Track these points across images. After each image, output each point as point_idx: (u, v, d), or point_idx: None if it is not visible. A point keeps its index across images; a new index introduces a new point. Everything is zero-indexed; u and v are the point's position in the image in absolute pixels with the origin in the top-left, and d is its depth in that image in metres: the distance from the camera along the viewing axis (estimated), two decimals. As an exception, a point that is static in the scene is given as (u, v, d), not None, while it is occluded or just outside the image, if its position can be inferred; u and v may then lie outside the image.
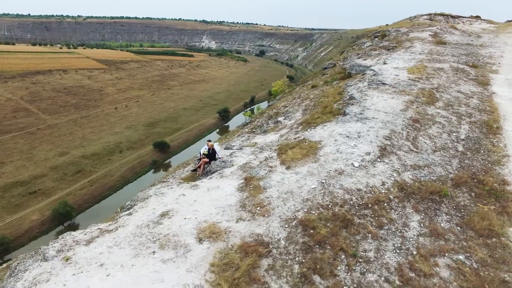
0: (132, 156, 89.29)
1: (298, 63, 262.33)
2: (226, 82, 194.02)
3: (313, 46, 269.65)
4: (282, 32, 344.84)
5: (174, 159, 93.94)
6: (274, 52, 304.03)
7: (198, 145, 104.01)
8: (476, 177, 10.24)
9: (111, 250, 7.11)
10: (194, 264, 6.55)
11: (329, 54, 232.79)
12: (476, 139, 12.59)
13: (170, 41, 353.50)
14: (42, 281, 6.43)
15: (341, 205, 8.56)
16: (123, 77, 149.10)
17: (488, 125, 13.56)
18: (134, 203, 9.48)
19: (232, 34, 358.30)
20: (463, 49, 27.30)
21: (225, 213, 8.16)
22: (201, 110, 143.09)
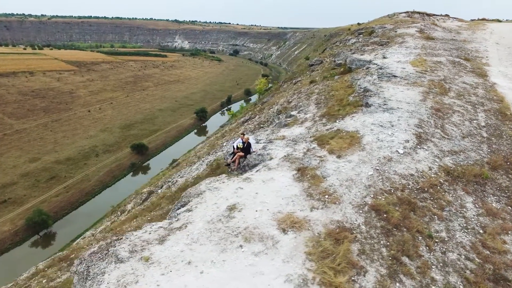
0: (109, 160, 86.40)
1: (272, 61, 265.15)
2: (201, 82, 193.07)
3: (286, 44, 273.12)
4: (255, 31, 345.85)
5: (153, 161, 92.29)
6: (248, 51, 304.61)
7: (177, 146, 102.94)
8: (508, 160, 10.83)
9: (191, 247, 6.83)
10: (288, 254, 6.44)
11: (303, 52, 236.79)
12: (495, 125, 13.31)
13: (142, 41, 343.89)
14: (131, 282, 6.06)
15: (402, 189, 8.76)
16: (95, 79, 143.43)
17: (502, 112, 14.38)
18: (188, 199, 9.14)
19: (205, 34, 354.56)
20: (450, 44, 28.77)
21: (294, 203, 8.09)
22: (178, 110, 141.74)
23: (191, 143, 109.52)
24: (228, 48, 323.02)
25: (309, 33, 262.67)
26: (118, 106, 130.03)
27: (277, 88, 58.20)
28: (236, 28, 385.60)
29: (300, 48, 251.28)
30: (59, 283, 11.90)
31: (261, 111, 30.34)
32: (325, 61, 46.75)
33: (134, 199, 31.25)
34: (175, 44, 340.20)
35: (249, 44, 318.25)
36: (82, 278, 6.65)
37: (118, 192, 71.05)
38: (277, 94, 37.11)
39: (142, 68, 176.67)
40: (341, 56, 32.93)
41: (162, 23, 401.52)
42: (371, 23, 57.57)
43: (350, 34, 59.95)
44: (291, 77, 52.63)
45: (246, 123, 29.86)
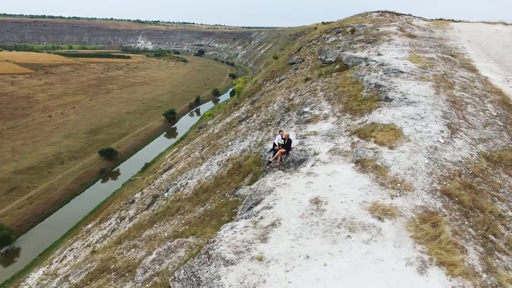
0: (76, 167, 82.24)
1: (238, 61, 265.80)
2: (168, 83, 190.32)
3: (252, 44, 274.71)
4: (220, 31, 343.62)
5: (124, 166, 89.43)
6: (213, 51, 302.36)
7: (147, 150, 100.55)
8: (528, 146, 12.01)
9: (299, 242, 6.93)
10: (395, 240, 6.78)
11: (268, 51, 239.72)
12: (505, 115, 14.65)
13: (103, 42, 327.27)
14: (258, 283, 6.05)
15: (458, 175, 9.45)
16: (54, 82, 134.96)
17: (505, 103, 15.83)
18: (259, 197, 9.14)
19: (169, 34, 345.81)
20: (431, 41, 30.84)
21: (372, 193, 8.45)
22: (146, 113, 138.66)
23: (162, 146, 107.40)
24: (193, 48, 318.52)
25: (274, 32, 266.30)
26: (82, 110, 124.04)
27: (258, 87, 58.54)
28: (201, 28, 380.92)
29: (266, 47, 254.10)
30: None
31: (258, 109, 30.46)
32: (307, 59, 47.72)
33: (130, 204, 30.05)
34: (138, 45, 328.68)
35: (214, 44, 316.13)
36: (192, 285, 6.47)
37: (88, 200, 68.00)
38: (267, 93, 37.39)
39: (105, 70, 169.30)
40: (330, 54, 33.90)
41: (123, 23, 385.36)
42: (346, 22, 59.69)
43: (326, 32, 61.56)
44: (273, 76, 53.19)
45: (244, 121, 29.81)
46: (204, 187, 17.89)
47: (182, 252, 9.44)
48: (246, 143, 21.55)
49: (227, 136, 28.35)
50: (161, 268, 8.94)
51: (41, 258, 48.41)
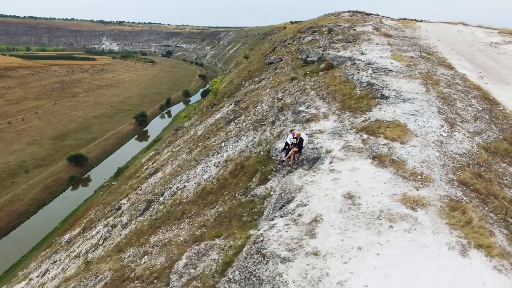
0: (43, 175, 78.47)
1: (207, 61, 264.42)
2: (136, 85, 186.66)
3: (220, 44, 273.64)
4: (188, 31, 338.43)
5: (95, 172, 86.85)
6: (181, 52, 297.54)
7: (119, 154, 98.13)
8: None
9: (346, 235, 7.33)
10: (432, 227, 7.37)
11: (237, 51, 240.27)
12: (488, 108, 16.01)
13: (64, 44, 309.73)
14: (321, 276, 6.37)
15: (467, 165, 10.33)
16: (12, 86, 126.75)
17: (486, 98, 17.28)
18: (290, 195, 9.42)
19: (135, 35, 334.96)
20: (407, 40, 32.61)
21: (398, 186, 9.04)
22: (115, 116, 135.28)
23: (134, 150, 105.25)
24: (160, 49, 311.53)
25: (242, 32, 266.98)
26: (45, 116, 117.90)
27: (236, 87, 58.61)
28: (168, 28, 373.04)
29: (235, 47, 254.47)
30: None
31: (245, 109, 30.61)
32: (285, 59, 48.45)
33: (117, 211, 29.11)
34: (102, 46, 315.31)
35: (182, 44, 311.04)
36: (253, 284, 6.65)
37: (58, 209, 65.14)
38: (250, 93, 37.61)
39: (69, 73, 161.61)
40: (312, 53, 34.80)
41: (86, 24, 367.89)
42: (319, 21, 61.27)
43: (300, 32, 62.71)
44: (251, 76, 53.48)
45: (232, 122, 29.84)
46: (208, 189, 17.85)
47: (215, 254, 9.51)
48: (242, 144, 21.70)
49: (217, 137, 28.28)
50: (197, 272, 8.97)
51: (7, 275, 45.65)
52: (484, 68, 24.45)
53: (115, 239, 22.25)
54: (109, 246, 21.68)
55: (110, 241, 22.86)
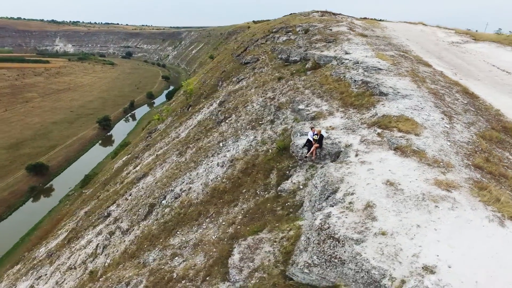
0: None
1: (170, 62, 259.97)
2: (97, 88, 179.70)
3: (182, 44, 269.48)
4: (148, 32, 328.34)
5: (58, 181, 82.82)
6: (142, 53, 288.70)
7: (84, 161, 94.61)
8: (501, 125, 15.32)
9: (403, 216, 8.37)
10: (469, 204, 8.66)
11: (200, 51, 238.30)
12: (471, 102, 18.10)
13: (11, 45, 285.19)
14: (396, 251, 7.34)
15: (475, 152, 11.92)
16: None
17: (467, 92, 19.44)
18: (334, 186, 10.31)
19: (91, 36, 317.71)
20: (381, 40, 34.96)
21: (427, 172, 10.31)
22: (76, 122, 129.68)
23: (99, 155, 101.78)
24: (120, 50, 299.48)
25: (204, 32, 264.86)
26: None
27: (212, 88, 58.61)
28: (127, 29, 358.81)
29: (198, 47, 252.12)
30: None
31: (235, 110, 31.05)
32: (262, 58, 49.45)
33: (106, 219, 28.32)
34: (56, 47, 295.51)
35: (142, 45, 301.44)
36: (335, 265, 7.48)
37: (18, 223, 61.38)
38: (234, 93, 38.05)
39: (20, 77, 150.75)
40: (294, 53, 36.05)
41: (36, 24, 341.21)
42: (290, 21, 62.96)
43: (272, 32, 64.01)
44: (228, 76, 53.85)
45: (223, 122, 30.17)
46: (221, 188, 18.26)
47: (267, 247, 10.16)
48: (243, 143, 22.30)
49: (210, 138, 28.53)
50: (257, 264, 9.58)
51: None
52: (453, 65, 27.13)
53: (119, 246, 21.85)
54: (114, 253, 21.25)
55: (112, 249, 22.39)
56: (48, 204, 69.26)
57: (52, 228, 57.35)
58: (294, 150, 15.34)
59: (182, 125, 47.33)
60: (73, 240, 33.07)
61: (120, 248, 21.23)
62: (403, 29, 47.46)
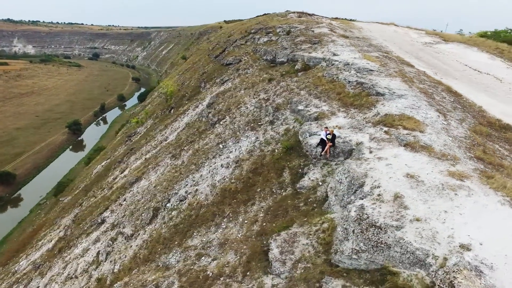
0: None
1: (139, 63, 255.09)
2: (63, 91, 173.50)
3: (152, 45, 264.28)
4: (115, 32, 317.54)
5: (27, 190, 79.77)
6: (110, 54, 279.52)
7: (54, 168, 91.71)
8: (486, 120, 17.22)
9: (430, 204, 9.59)
10: (482, 191, 10.05)
11: (171, 52, 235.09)
12: (457, 100, 20.01)
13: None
14: (433, 233, 8.50)
15: (472, 146, 13.51)
16: None
17: (450, 91, 21.40)
18: (359, 181, 11.39)
19: (54, 36, 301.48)
20: (362, 41, 36.85)
21: (438, 165, 11.66)
22: (43, 127, 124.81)
23: (71, 161, 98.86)
24: (86, 51, 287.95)
25: (174, 32, 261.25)
26: None
27: (194, 89, 58.52)
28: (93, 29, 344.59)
29: (168, 48, 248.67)
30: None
31: (227, 111, 31.59)
32: (245, 60, 50.14)
33: (100, 225, 27.95)
34: (14, 48, 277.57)
35: (110, 46, 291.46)
36: (382, 249, 8.52)
37: None
38: (222, 95, 38.50)
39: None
40: (280, 54, 37.10)
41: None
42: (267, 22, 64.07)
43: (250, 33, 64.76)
44: (211, 77, 54.02)
45: (218, 124, 30.63)
46: (232, 189, 18.88)
47: (304, 240, 11.05)
48: (246, 144, 23.03)
49: (206, 140, 28.94)
50: (298, 256, 10.44)
51: None
52: (432, 65, 29.40)
53: (125, 251, 21.85)
54: (122, 259, 21.23)
55: (118, 255, 22.34)
56: (17, 215, 66.31)
57: (29, 239, 54.99)
58: (308, 149, 16.32)
59: (167, 128, 47.05)
60: (64, 249, 32.20)
61: (128, 254, 21.25)
62: (378, 30, 49.98)
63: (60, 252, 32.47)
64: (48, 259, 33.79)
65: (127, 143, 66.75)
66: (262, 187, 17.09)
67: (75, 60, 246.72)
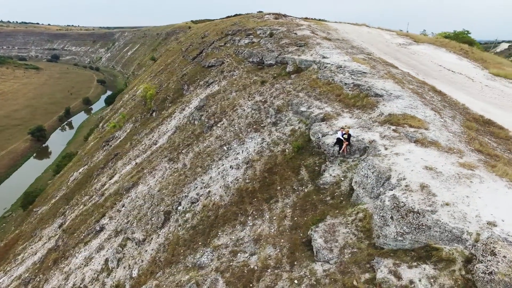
0: None
1: (103, 65, 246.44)
2: (22, 96, 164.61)
3: (116, 45, 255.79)
4: (75, 33, 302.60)
5: None
6: (71, 56, 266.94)
7: (17, 177, 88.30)
8: (472, 117, 19.75)
9: (452, 191, 11.40)
10: (491, 178, 12.06)
11: (137, 53, 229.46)
12: (443, 98, 22.50)
13: None
14: (463, 214, 10.29)
15: (470, 139, 15.72)
16: None
17: (435, 90, 23.93)
18: (385, 175, 13.03)
19: (5, 36, 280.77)
20: (345, 43, 39.13)
21: (448, 158, 13.60)
22: (1, 134, 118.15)
23: (37, 170, 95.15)
24: (44, 53, 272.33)
25: (139, 32, 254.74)
26: None
27: (176, 92, 58.30)
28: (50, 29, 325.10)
29: (133, 48, 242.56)
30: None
31: (223, 114, 32.41)
32: (228, 61, 50.97)
33: (99, 233, 27.81)
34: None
35: (71, 47, 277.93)
36: (424, 230, 10.16)
37: None
38: (212, 97, 39.13)
39: None
40: (268, 57, 38.42)
41: None
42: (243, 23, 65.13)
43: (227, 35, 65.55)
44: (193, 80, 54.18)
45: (215, 127, 31.36)
46: (249, 188, 19.95)
47: (343, 229, 12.50)
48: (253, 145, 24.16)
49: (207, 143, 29.64)
50: (342, 243, 11.85)
51: None
52: (412, 66, 32.24)
53: (140, 256, 22.19)
54: (138, 264, 21.55)
55: (132, 260, 22.62)
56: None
57: (2, 254, 52.65)
58: (326, 148, 17.79)
59: (154, 131, 46.79)
60: (60, 260, 31.46)
61: (145, 258, 21.62)
62: (353, 31, 52.88)
63: (55, 264, 31.69)
64: (41, 272, 32.84)
65: (106, 148, 65.04)
66: (282, 185, 18.36)
67: (33, 62, 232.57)
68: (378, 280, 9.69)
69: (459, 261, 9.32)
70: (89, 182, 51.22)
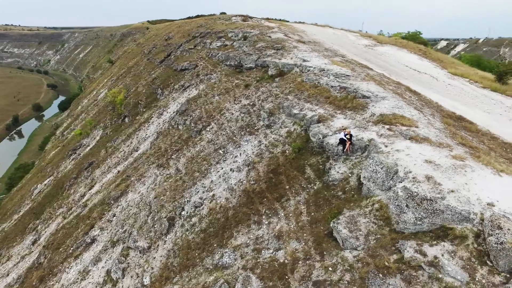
0: None
1: (53, 68, 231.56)
2: None
3: (66, 47, 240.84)
4: (17, 33, 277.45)
5: None
6: (13, 59, 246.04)
7: None
8: (446, 113, 22.69)
9: (452, 179, 13.60)
10: (478, 166, 14.50)
11: (90, 55, 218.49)
12: (419, 98, 25.35)
13: None
14: (467, 198, 12.48)
15: (453, 134, 18.34)
16: None
17: (411, 90, 26.80)
18: (394, 169, 14.97)
19: None
20: (318, 46, 41.38)
21: (443, 152, 15.92)
22: None
23: None
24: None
25: (91, 33, 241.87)
26: None
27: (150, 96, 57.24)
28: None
29: (86, 50, 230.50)
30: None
31: (210, 118, 33.00)
32: (202, 65, 51.30)
33: (91, 244, 27.35)
34: None
35: (12, 49, 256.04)
36: (439, 213, 12.18)
37: None
38: (194, 101, 39.36)
39: None
40: (247, 60, 39.56)
41: None
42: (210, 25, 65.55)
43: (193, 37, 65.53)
44: (167, 84, 53.64)
45: (204, 131, 31.85)
46: (256, 189, 21.09)
47: (363, 219, 14.21)
48: (250, 148, 25.31)
49: (198, 148, 30.17)
50: (365, 232, 13.56)
51: None
52: (382, 67, 35.31)
53: (148, 264, 22.41)
54: (148, 272, 21.78)
55: (139, 268, 22.78)
56: None
57: None
58: (330, 148, 19.48)
59: (132, 138, 45.85)
60: (48, 277, 30.25)
61: (155, 265, 21.90)
62: (319, 33, 55.67)
63: (42, 282, 30.41)
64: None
65: (74, 157, 62.03)
66: (290, 184, 19.78)
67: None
68: (407, 259, 11.49)
69: (470, 236, 11.40)
70: (61, 194, 48.82)
